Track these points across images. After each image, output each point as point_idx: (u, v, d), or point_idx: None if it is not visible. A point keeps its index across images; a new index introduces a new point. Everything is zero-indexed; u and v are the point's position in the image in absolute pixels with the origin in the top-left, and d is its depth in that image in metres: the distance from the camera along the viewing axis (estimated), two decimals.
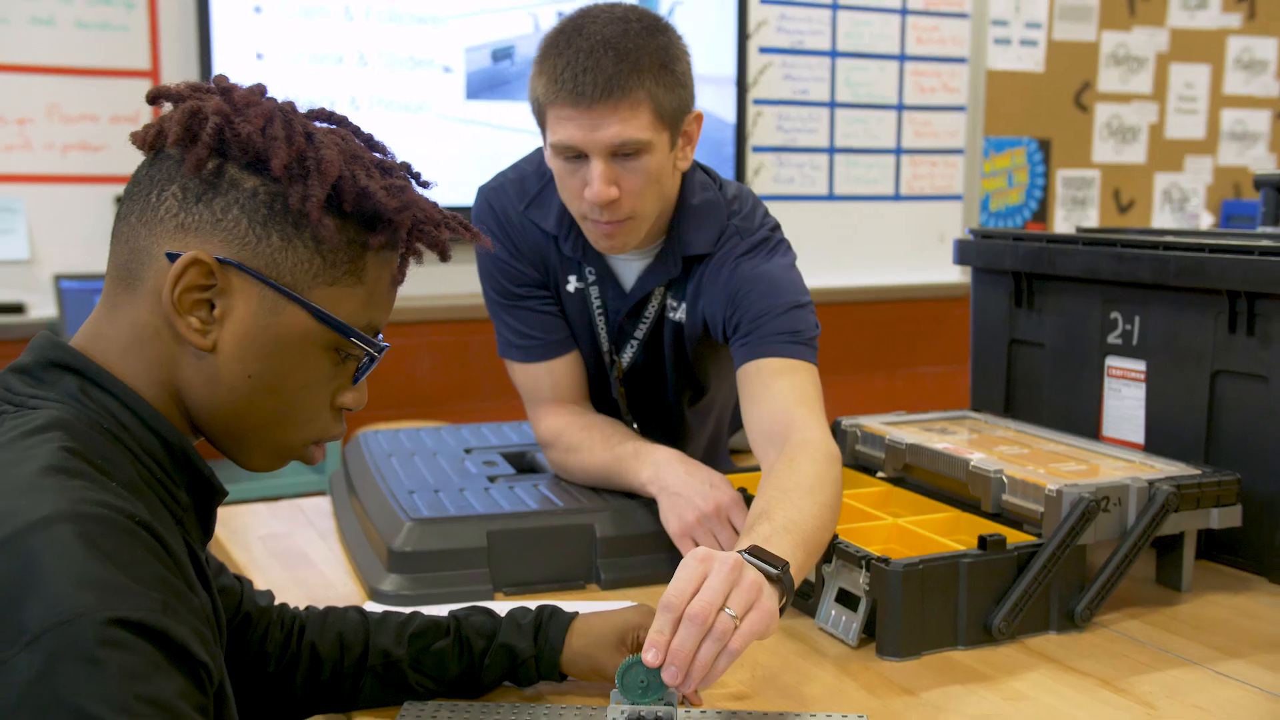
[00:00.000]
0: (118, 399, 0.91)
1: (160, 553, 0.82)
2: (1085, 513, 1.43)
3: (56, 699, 0.70)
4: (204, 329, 0.92)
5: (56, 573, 0.73)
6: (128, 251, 0.94)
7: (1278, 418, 1.62)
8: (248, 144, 0.92)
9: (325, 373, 0.98)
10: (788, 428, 1.50)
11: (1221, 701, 1.27)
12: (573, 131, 1.51)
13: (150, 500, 0.89)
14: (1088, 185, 5.08)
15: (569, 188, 1.58)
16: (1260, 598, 1.59)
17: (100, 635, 0.72)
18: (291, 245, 0.93)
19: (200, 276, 0.91)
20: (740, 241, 1.68)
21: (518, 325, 1.75)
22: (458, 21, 3.79)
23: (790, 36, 4.38)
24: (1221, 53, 5.35)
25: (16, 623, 0.72)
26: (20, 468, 0.80)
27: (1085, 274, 1.83)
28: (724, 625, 1.06)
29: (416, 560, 1.51)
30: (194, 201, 0.92)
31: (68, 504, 0.77)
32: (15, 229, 3.42)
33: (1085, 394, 1.87)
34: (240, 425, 0.97)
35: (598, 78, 1.47)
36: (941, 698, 1.26)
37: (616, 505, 1.62)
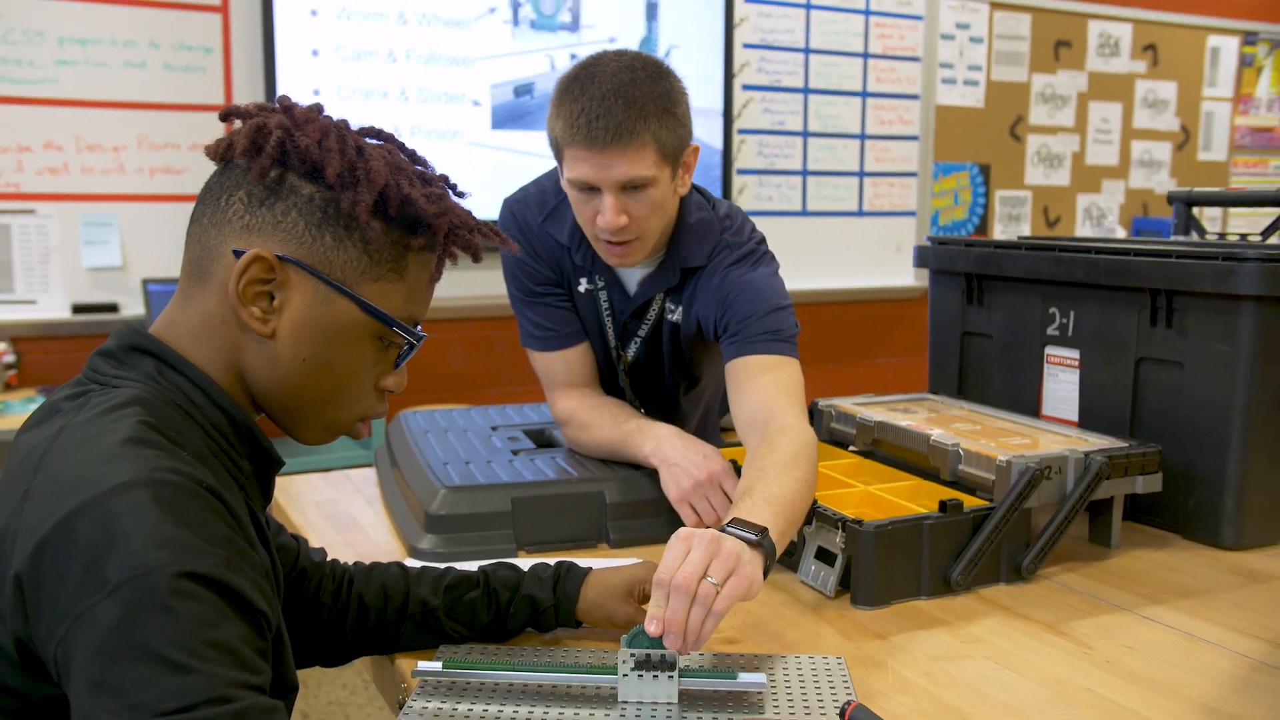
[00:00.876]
0: (189, 379, 0.89)
1: (224, 514, 0.79)
2: (1031, 480, 1.39)
3: (135, 642, 0.68)
4: (264, 318, 0.90)
5: (134, 532, 0.71)
6: (199, 249, 0.92)
7: (1191, 398, 1.58)
8: (305, 155, 0.90)
9: (370, 358, 0.95)
10: (769, 416, 1.45)
11: (1147, 642, 1.23)
12: (587, 170, 1.47)
13: (217, 468, 0.86)
14: (1021, 203, 5.04)
15: (583, 214, 1.54)
16: (1177, 553, 1.55)
17: (173, 587, 0.70)
18: (342, 245, 0.91)
19: (262, 271, 0.89)
20: (730, 253, 1.64)
21: (536, 318, 1.72)
22: (485, 62, 3.75)
23: (769, 76, 4.34)
24: (1131, 93, 5.33)
25: (100, 575, 0.70)
26: (104, 439, 0.78)
27: (1028, 275, 1.78)
28: (706, 591, 1.01)
29: (449, 522, 1.47)
30: (258, 205, 0.90)
31: (144, 471, 0.75)
32: (110, 241, 3.41)
33: (1027, 379, 1.82)
34: (295, 403, 0.95)
35: (609, 124, 1.43)
36: (907, 641, 1.22)
37: (624, 475, 1.57)
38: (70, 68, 3.31)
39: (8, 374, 3.27)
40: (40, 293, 3.36)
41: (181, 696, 0.67)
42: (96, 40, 3.33)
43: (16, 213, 3.30)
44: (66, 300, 3.38)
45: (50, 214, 3.33)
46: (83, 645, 0.69)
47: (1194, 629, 1.27)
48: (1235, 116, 5.72)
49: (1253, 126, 5.80)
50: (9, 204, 3.28)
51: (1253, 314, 1.50)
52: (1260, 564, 1.51)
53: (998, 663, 1.17)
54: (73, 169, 3.34)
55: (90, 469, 0.75)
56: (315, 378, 0.93)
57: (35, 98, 3.28)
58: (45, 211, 3.33)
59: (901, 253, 4.66)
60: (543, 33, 3.82)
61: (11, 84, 3.25)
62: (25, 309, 3.34)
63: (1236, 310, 1.51)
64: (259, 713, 0.70)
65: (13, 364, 3.29)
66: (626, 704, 1.02)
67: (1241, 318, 1.50)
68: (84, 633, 0.69)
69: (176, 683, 0.67)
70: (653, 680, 1.03)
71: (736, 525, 1.14)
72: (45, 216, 3.33)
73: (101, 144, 3.37)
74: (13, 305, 3.33)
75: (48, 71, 3.28)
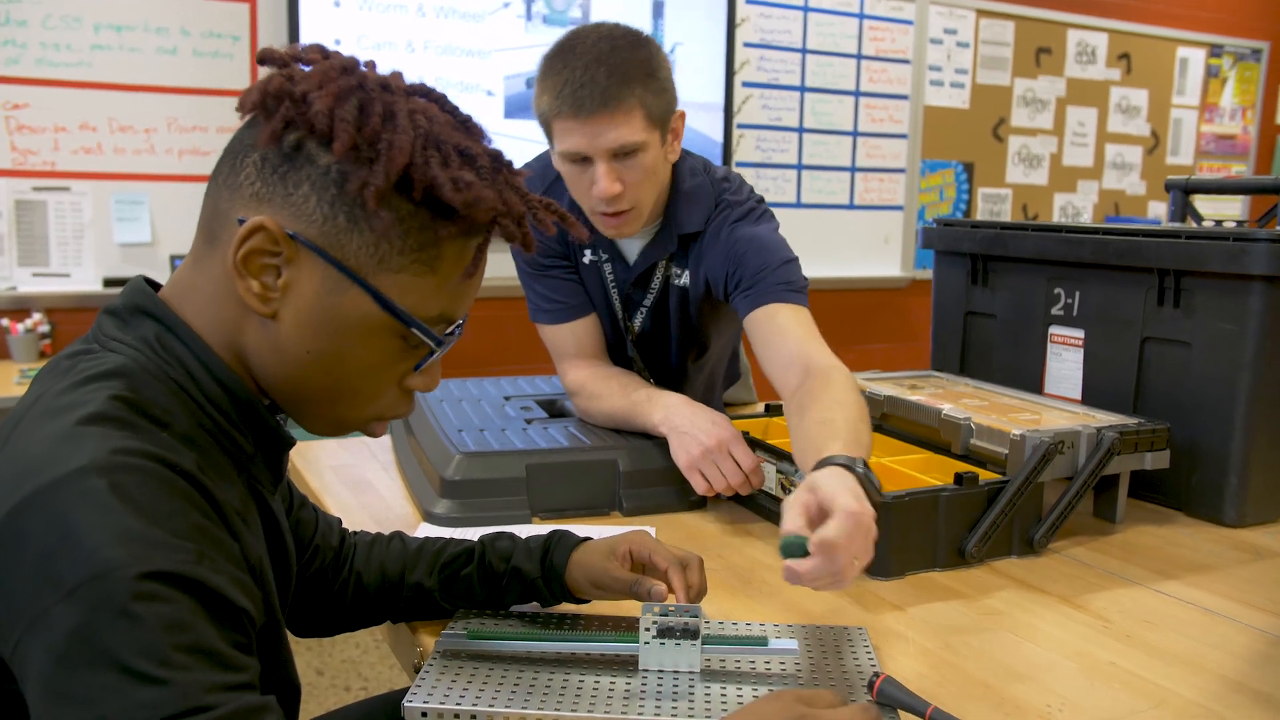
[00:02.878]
0: (190, 349, 0.74)
1: (199, 501, 0.65)
2: (1045, 454, 1.28)
3: (98, 650, 0.56)
4: (265, 295, 0.73)
5: (90, 527, 0.59)
6: (211, 209, 0.76)
7: (1197, 377, 1.47)
8: (314, 122, 0.72)
9: (389, 356, 0.77)
10: (806, 358, 1.35)
11: (1164, 616, 1.13)
12: (577, 140, 1.37)
13: (209, 450, 0.72)
14: (1002, 201, 4.93)
15: (578, 187, 1.44)
16: (1180, 529, 1.45)
17: (134, 590, 0.57)
18: (358, 228, 0.72)
19: (266, 243, 0.72)
20: (732, 211, 1.54)
21: (545, 291, 1.61)
22: (498, 55, 3.63)
23: (768, 74, 4.22)
24: (1106, 99, 5.22)
25: (54, 576, 0.58)
26: (67, 415, 0.64)
27: (1034, 255, 1.67)
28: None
29: (465, 488, 1.36)
30: (270, 172, 0.73)
31: (102, 454, 0.61)
32: (140, 218, 3.30)
33: (1030, 357, 1.71)
34: (298, 396, 0.78)
35: (594, 91, 1.33)
36: (925, 612, 1.12)
37: (636, 444, 1.46)
38: (105, 52, 3.19)
39: (42, 343, 3.16)
40: (74, 266, 3.24)
41: (155, 709, 0.55)
42: (130, 26, 3.21)
43: (52, 190, 3.19)
44: (99, 274, 3.27)
45: (84, 192, 3.22)
46: (39, 653, 0.57)
47: (1208, 604, 1.17)
48: (1201, 124, 5.61)
49: (1217, 134, 5.69)
50: (45, 181, 3.17)
51: (1262, 294, 1.39)
52: (1263, 541, 1.41)
53: (1018, 635, 1.06)
54: (106, 149, 3.23)
55: (44, 450, 0.62)
56: (321, 373, 0.76)
57: (71, 80, 3.16)
58: (79, 189, 3.21)
59: (889, 244, 4.55)
60: (554, 27, 3.69)
61: (50, 67, 3.13)
62: (60, 282, 3.23)
63: (1246, 290, 1.40)
64: (246, 713, 0.58)
65: (47, 334, 3.18)
66: (648, 672, 0.92)
67: (1250, 298, 1.40)
68: (40, 639, 0.57)
69: (148, 694, 0.55)
70: (675, 648, 0.92)
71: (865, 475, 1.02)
72: (79, 194, 3.22)
73: (133, 125, 3.25)
74: (48, 278, 3.22)
75: (83, 55, 3.17)
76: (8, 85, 3.09)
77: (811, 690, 0.78)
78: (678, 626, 0.92)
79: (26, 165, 3.14)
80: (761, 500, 1.40)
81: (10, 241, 3.17)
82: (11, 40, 3.08)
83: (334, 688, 2.68)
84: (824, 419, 1.16)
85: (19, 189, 3.15)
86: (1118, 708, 0.91)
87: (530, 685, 0.88)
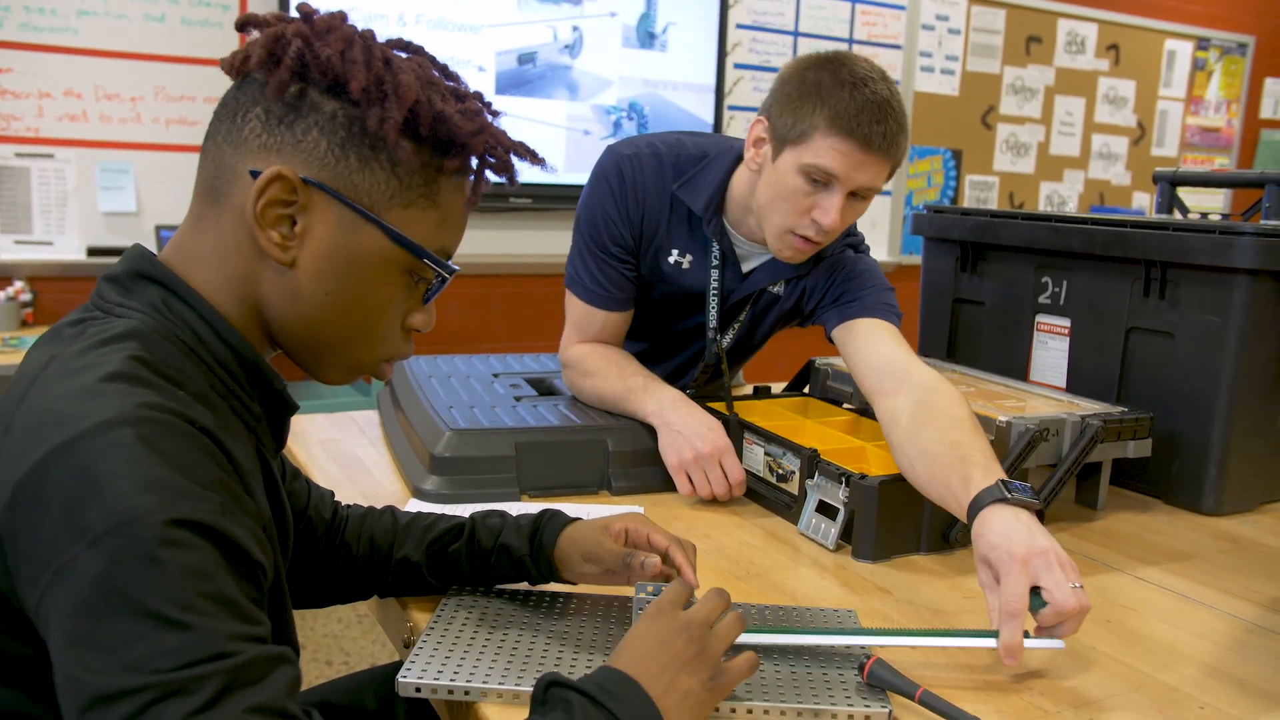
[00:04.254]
0: (196, 311, 0.75)
1: (220, 457, 0.66)
2: (1030, 441, 1.30)
3: (123, 596, 0.57)
4: (285, 244, 0.75)
5: (117, 475, 0.59)
6: (213, 169, 0.77)
7: (1180, 368, 1.49)
8: (327, 67, 0.75)
9: (399, 294, 0.80)
10: (905, 369, 1.34)
11: (1144, 602, 1.15)
12: (842, 165, 1.32)
13: (221, 410, 0.73)
14: (989, 188, 4.95)
15: (797, 204, 1.37)
16: (1160, 516, 1.47)
17: (161, 535, 0.58)
18: (369, 167, 0.76)
19: (283, 192, 0.74)
20: (844, 237, 1.57)
21: (598, 274, 1.56)
22: (491, 30, 3.60)
23: (759, 56, 4.21)
24: (1094, 89, 5.24)
25: (80, 523, 0.58)
26: (88, 373, 0.65)
27: (1023, 244, 1.68)
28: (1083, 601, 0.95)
29: (454, 464, 1.36)
30: (276, 123, 0.75)
31: (129, 408, 0.62)
32: (126, 187, 3.27)
33: (1017, 345, 1.73)
34: (317, 341, 0.80)
35: (886, 132, 1.31)
36: (911, 595, 1.13)
37: (626, 424, 1.47)
38: (91, 18, 3.15)
39: (24, 312, 3.13)
40: (57, 235, 3.21)
41: (179, 654, 0.56)
42: None
43: (36, 156, 3.15)
44: (82, 243, 3.23)
45: (68, 159, 3.18)
46: (64, 601, 0.58)
47: (1187, 590, 1.19)
48: (1186, 116, 5.64)
49: (1202, 126, 5.72)
50: (29, 148, 3.13)
51: (1246, 287, 1.41)
52: (1241, 530, 1.43)
53: None
54: (91, 116, 3.19)
55: (69, 405, 0.63)
56: (339, 314, 0.78)
57: (57, 45, 3.12)
58: (64, 156, 3.18)
59: (877, 229, 4.56)
60: (546, 4, 3.66)
61: (34, 31, 3.09)
62: (42, 250, 3.20)
63: (1230, 283, 1.42)
64: (265, 662, 0.59)
65: (29, 302, 3.15)
66: None
67: (1235, 291, 1.42)
68: (65, 587, 0.58)
69: (173, 639, 0.56)
70: None
71: (1018, 498, 1.04)
72: (63, 161, 3.18)
73: (119, 93, 3.22)
74: (30, 246, 3.19)
75: (69, 21, 3.13)
76: None
77: (676, 589, 0.82)
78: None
79: (9, 131, 3.10)
80: (750, 483, 1.41)
81: None
82: None
83: (315, 661, 2.69)
84: (952, 441, 1.16)
85: (1, 155, 3.11)
86: (1096, 690, 0.93)
87: (524, 661, 0.88)
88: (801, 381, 1.75)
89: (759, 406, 1.60)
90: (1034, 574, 0.95)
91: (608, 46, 3.80)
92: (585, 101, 3.78)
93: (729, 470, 1.37)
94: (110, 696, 0.55)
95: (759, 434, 1.40)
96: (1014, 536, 0.98)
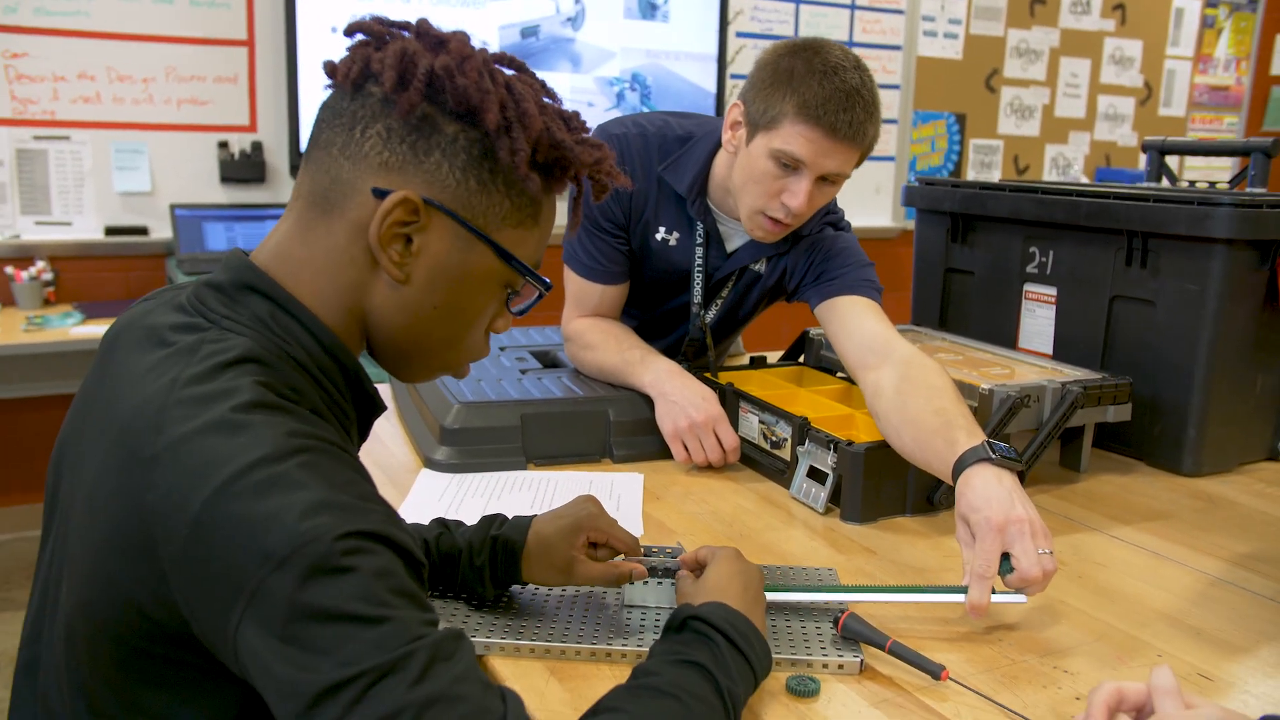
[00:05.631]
0: (303, 325, 0.77)
1: (362, 470, 0.72)
2: (1012, 407, 1.36)
3: (320, 606, 0.61)
4: (401, 262, 0.78)
5: (287, 504, 0.63)
6: (328, 180, 0.78)
7: (1161, 334, 1.54)
8: (463, 97, 0.76)
9: (495, 304, 0.84)
10: (888, 344, 1.40)
11: (1116, 559, 1.22)
12: (809, 151, 1.37)
13: (330, 420, 0.77)
14: (993, 152, 4.96)
15: (767, 187, 1.43)
16: (1140, 478, 1.53)
17: (341, 547, 0.62)
18: (486, 190, 0.78)
19: (406, 214, 0.76)
20: (823, 216, 1.61)
21: (592, 249, 1.63)
22: (494, 4, 3.63)
23: (761, 24, 4.23)
24: (1100, 50, 5.22)
25: (263, 550, 0.62)
26: (221, 403, 0.68)
27: (1011, 215, 1.73)
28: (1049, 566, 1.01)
29: (463, 435, 1.43)
30: (398, 142, 0.76)
31: (280, 438, 0.66)
32: (140, 167, 3.33)
33: (1005, 313, 1.78)
34: (415, 347, 0.83)
35: (853, 120, 1.35)
36: (894, 554, 1.20)
37: (627, 395, 1.53)
38: (102, 1, 3.20)
39: (46, 290, 3.21)
40: (75, 215, 3.28)
41: (383, 644, 0.61)
42: None
43: (53, 139, 3.21)
44: (100, 222, 3.31)
45: (84, 141, 3.25)
46: (265, 620, 0.62)
47: (1158, 548, 1.25)
48: (1195, 75, 5.62)
49: (1210, 85, 5.70)
50: (45, 130, 3.20)
51: (1223, 256, 1.46)
52: (1217, 489, 1.49)
53: None
54: (105, 98, 3.25)
55: (222, 441, 0.66)
56: (442, 323, 0.82)
57: (69, 29, 3.17)
58: (79, 138, 3.24)
59: (881, 194, 4.59)
60: None
61: (47, 16, 3.14)
62: (62, 230, 3.27)
63: (1208, 253, 1.47)
64: (453, 640, 0.65)
65: (50, 281, 3.23)
66: (632, 607, 1.00)
67: (1212, 260, 1.46)
68: (262, 608, 0.62)
69: (375, 633, 0.61)
70: (657, 587, 1.00)
71: (1001, 459, 1.09)
72: (79, 143, 3.24)
73: (132, 75, 3.27)
74: (50, 226, 3.27)
75: (81, 4, 3.18)
76: (6, 34, 3.10)
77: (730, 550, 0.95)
78: (659, 568, 1.00)
79: (26, 114, 3.17)
80: (746, 450, 1.48)
81: (12, 190, 3.20)
82: None
83: None
84: (937, 408, 1.22)
85: (19, 138, 3.17)
86: (1063, 640, 1.00)
87: (523, 621, 0.96)
88: (797, 351, 1.81)
89: (755, 376, 1.66)
90: (1007, 541, 1.01)
91: (610, 18, 3.83)
92: (588, 74, 3.81)
93: (723, 438, 1.43)
94: (332, 689, 0.60)
95: (753, 403, 1.47)
96: (993, 501, 1.04)
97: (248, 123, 3.44)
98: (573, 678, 0.89)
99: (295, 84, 3.36)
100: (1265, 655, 0.99)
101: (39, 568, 0.84)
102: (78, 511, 0.74)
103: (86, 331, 2.88)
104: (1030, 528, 1.01)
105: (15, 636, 2.76)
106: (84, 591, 0.72)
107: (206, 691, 0.71)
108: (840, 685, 0.89)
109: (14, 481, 3.39)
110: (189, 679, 0.71)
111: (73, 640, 0.74)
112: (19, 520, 3.41)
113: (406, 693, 0.60)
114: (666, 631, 0.83)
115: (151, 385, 0.71)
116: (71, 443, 0.80)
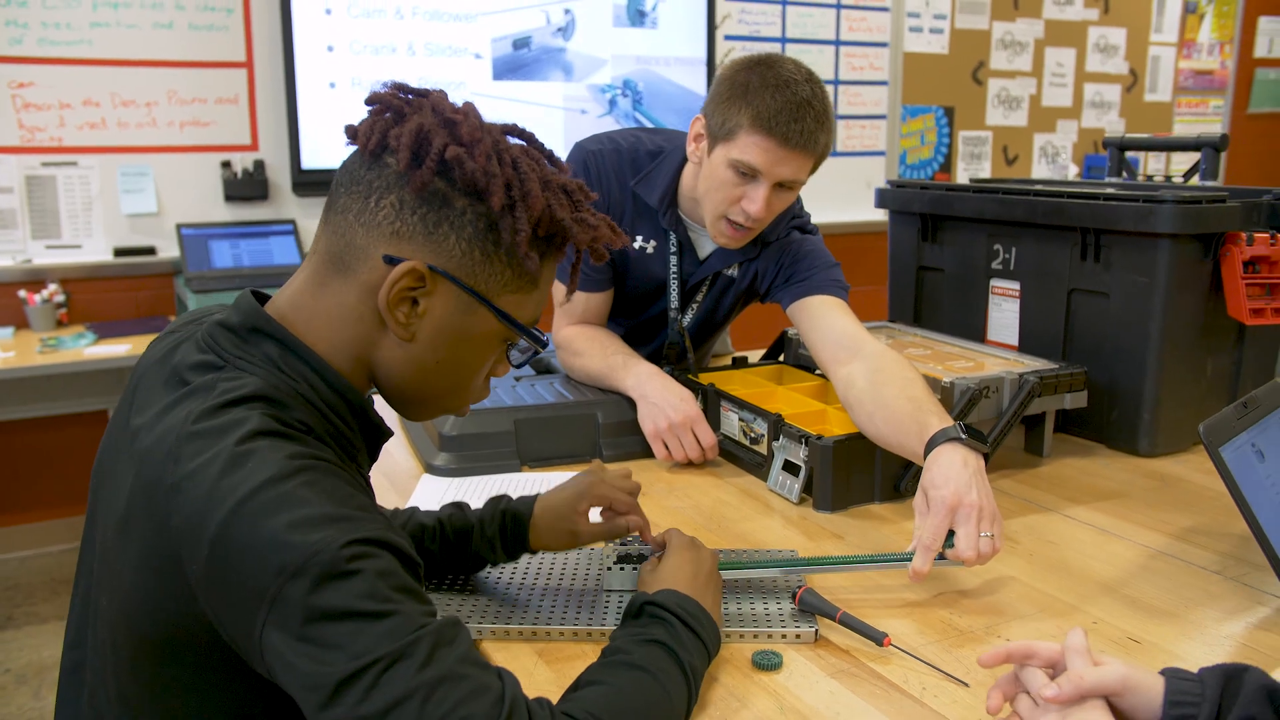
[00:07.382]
0: (310, 366, 0.85)
1: (359, 484, 0.81)
2: (971, 399, 1.45)
3: (333, 607, 0.69)
4: (407, 323, 0.85)
5: (296, 520, 0.71)
6: (342, 243, 0.85)
7: (1116, 324, 1.64)
8: (472, 180, 0.83)
9: (493, 356, 0.92)
10: (857, 341, 1.50)
11: (1066, 537, 1.31)
12: (764, 160, 1.47)
13: (335, 449, 0.85)
14: (982, 143, 5.04)
15: (728, 194, 1.53)
16: (1099, 460, 1.62)
17: (348, 554, 0.70)
18: (490, 260, 0.85)
19: (413, 281, 0.83)
20: (789, 221, 1.71)
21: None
22: (485, 18, 3.73)
23: (749, 27, 4.32)
24: (1084, 39, 5.30)
25: (278, 563, 0.70)
26: (231, 434, 0.76)
27: (975, 215, 1.83)
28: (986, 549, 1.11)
29: (461, 441, 1.54)
30: (409, 213, 0.83)
31: (283, 460, 0.74)
32: (146, 189, 3.43)
33: (974, 307, 1.88)
34: (418, 395, 0.92)
35: (804, 129, 1.45)
36: (860, 539, 1.30)
37: (614, 399, 1.63)
38: (104, 29, 3.30)
39: (59, 312, 3.32)
40: (85, 238, 3.39)
41: (393, 636, 0.69)
42: (127, 4, 3.32)
43: (60, 165, 3.32)
44: (109, 244, 3.41)
45: (91, 165, 3.35)
46: (285, 623, 0.70)
47: (1107, 525, 1.35)
48: (1179, 60, 5.69)
49: (1194, 69, 5.77)
50: (53, 157, 3.30)
51: (1168, 250, 1.55)
52: (1170, 469, 1.58)
53: None
54: (109, 123, 3.35)
55: (223, 467, 0.74)
56: (445, 376, 0.90)
57: (73, 58, 3.28)
58: (86, 163, 3.35)
59: (871, 189, 4.66)
60: None
61: (51, 45, 3.25)
62: (72, 253, 3.38)
63: (1154, 247, 1.56)
64: (451, 626, 0.73)
65: (63, 303, 3.34)
66: (610, 591, 1.10)
67: (1158, 253, 1.56)
68: (280, 616, 0.70)
69: (383, 626, 0.70)
70: (633, 572, 1.10)
71: (970, 440, 1.19)
72: (87, 168, 3.35)
73: (135, 100, 3.37)
74: (61, 250, 3.37)
75: (83, 33, 3.28)
76: (12, 65, 3.21)
77: (683, 536, 1.05)
78: (634, 554, 1.10)
79: (34, 142, 3.27)
80: (727, 445, 1.58)
81: (23, 215, 3.31)
82: (14, 21, 3.20)
83: None
84: (910, 396, 1.32)
85: (28, 165, 3.28)
86: (1006, 609, 1.10)
87: (512, 608, 1.06)
88: (777, 351, 1.91)
89: (737, 376, 1.76)
90: (956, 521, 1.11)
91: (599, 27, 3.93)
92: (580, 82, 3.91)
93: (700, 436, 1.54)
94: (350, 678, 0.68)
95: (733, 401, 1.57)
96: (953, 482, 1.14)
97: (249, 142, 3.54)
98: (558, 660, 1.00)
99: (294, 102, 3.47)
100: (1193, 619, 1.09)
101: (79, 575, 0.94)
102: (112, 529, 0.83)
103: (100, 351, 3.00)
104: (979, 513, 1.11)
105: (40, 650, 2.88)
106: (124, 604, 0.81)
107: (233, 693, 0.81)
108: (799, 657, 0.99)
109: (36, 499, 3.50)
110: (217, 681, 0.81)
111: (116, 647, 0.84)
112: (41, 536, 3.52)
113: (416, 675, 0.69)
114: (626, 617, 0.94)
115: (170, 419, 0.80)
116: (108, 462, 0.89)
